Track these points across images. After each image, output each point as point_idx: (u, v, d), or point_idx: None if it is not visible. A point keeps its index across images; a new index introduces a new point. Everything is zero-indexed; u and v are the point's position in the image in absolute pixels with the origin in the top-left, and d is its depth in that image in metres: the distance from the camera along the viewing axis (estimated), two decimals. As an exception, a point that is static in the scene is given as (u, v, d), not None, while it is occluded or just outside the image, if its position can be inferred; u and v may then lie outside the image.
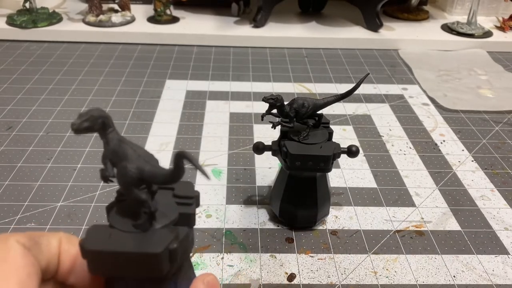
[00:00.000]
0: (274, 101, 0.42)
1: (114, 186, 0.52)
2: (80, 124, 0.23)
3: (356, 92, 0.79)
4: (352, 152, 0.44)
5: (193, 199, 0.25)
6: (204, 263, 0.44)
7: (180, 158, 0.22)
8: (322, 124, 0.45)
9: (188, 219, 0.25)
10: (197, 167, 0.21)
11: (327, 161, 0.42)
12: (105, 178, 0.24)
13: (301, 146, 0.42)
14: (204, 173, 0.21)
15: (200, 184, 0.53)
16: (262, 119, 0.43)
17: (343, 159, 0.58)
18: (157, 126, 0.65)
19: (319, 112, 0.45)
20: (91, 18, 0.96)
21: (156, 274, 0.22)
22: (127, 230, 0.23)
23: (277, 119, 0.44)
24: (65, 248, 0.24)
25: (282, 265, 0.44)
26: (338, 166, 0.57)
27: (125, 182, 0.23)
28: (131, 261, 0.22)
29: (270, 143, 0.45)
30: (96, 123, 0.24)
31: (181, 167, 0.22)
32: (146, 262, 0.22)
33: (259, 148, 0.45)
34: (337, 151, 0.43)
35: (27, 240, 0.22)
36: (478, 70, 0.86)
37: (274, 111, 0.44)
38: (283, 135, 0.45)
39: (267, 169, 0.57)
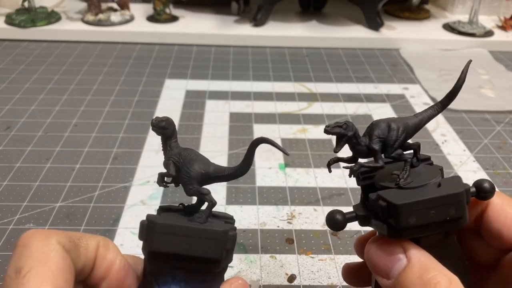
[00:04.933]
0: (342, 129, 0.27)
1: (114, 186, 0.52)
2: (159, 122, 0.27)
3: (357, 91, 0.80)
4: (484, 190, 0.26)
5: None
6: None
7: (257, 144, 0.26)
8: (422, 161, 0.29)
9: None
10: (278, 147, 0.26)
11: (460, 205, 0.24)
12: (166, 178, 0.27)
13: (408, 193, 0.25)
14: (284, 151, 0.27)
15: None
16: (329, 169, 0.28)
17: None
18: (156, 126, 0.64)
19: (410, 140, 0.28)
20: (90, 17, 0.95)
21: (214, 256, 0.25)
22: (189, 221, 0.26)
23: (352, 164, 0.27)
24: (102, 253, 0.24)
25: (282, 266, 0.43)
26: (338, 166, 0.57)
27: (192, 177, 0.26)
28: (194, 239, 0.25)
29: (352, 209, 0.28)
30: (170, 128, 0.27)
31: (252, 158, 0.27)
32: (209, 241, 0.25)
33: (339, 222, 0.27)
34: (467, 187, 0.25)
35: (68, 241, 0.22)
36: (479, 70, 0.86)
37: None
38: (366, 189, 0.28)
39: (267, 169, 0.56)
